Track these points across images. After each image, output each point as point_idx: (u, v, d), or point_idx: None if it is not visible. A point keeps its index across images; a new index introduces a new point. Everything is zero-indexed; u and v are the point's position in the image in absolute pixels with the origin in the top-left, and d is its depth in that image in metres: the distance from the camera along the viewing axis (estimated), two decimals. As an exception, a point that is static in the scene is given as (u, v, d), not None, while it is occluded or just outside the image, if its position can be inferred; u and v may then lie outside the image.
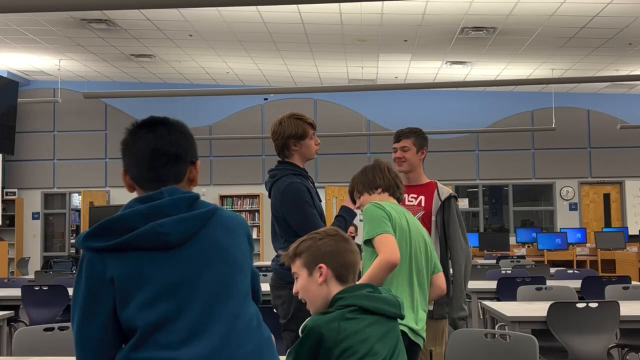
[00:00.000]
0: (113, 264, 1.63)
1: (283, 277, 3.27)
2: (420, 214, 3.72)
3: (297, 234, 2.89)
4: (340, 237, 2.16)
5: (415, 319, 2.75)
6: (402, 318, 2.15)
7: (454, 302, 3.64)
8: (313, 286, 2.12)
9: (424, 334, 2.78)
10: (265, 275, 6.82)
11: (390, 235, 2.69)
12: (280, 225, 3.38)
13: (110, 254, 1.63)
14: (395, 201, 2.99)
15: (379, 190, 2.96)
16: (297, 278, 2.17)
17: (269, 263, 9.20)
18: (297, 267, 2.16)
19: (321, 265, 2.10)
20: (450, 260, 3.73)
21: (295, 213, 3.29)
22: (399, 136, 3.88)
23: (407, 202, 3.76)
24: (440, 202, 3.73)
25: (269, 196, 3.49)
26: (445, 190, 3.79)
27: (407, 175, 3.85)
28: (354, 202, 3.11)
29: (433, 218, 3.71)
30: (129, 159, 1.80)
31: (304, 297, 2.15)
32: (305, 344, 1.96)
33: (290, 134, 3.38)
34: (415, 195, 3.80)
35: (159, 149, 1.77)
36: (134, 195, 1.80)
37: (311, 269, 2.12)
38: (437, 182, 3.86)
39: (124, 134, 1.83)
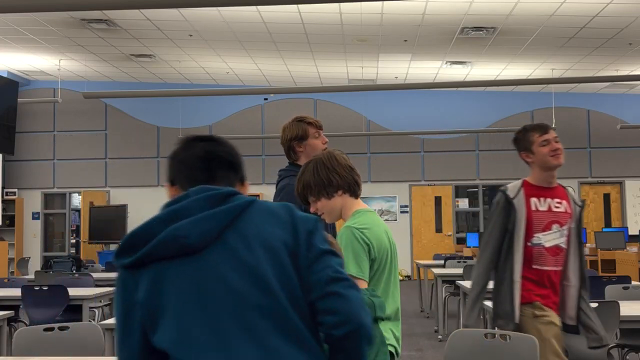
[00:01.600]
0: (142, 283, 1.48)
1: None
2: (570, 222, 3.38)
3: None
4: None
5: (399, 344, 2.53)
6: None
7: (599, 327, 3.35)
8: None
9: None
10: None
11: (365, 284, 2.37)
12: None
13: (139, 270, 1.49)
14: (363, 204, 2.59)
15: (340, 192, 2.52)
16: None
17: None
18: None
19: None
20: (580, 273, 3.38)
21: None
22: (547, 127, 3.42)
23: (554, 209, 3.36)
24: (579, 209, 3.42)
25: None
26: (576, 195, 3.49)
27: (553, 173, 3.44)
28: (307, 202, 2.58)
29: (573, 225, 3.38)
30: (178, 166, 1.67)
31: None
32: None
33: (292, 136, 3.36)
34: (559, 200, 3.39)
35: (213, 152, 1.67)
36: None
37: None
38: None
39: (175, 147, 1.71)
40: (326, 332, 1.48)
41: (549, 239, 3.29)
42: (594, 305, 4.09)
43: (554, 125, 13.94)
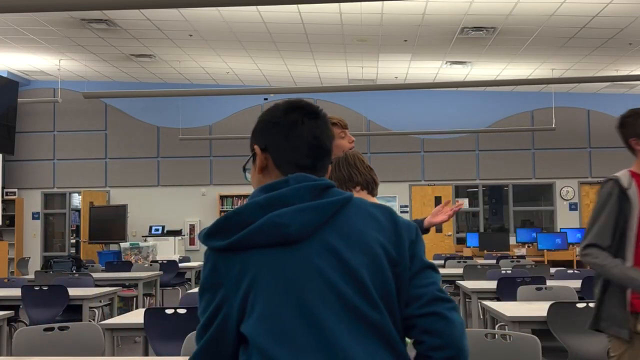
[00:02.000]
0: (234, 268, 1.42)
1: None
2: None
3: None
4: None
5: None
6: None
7: None
8: None
9: None
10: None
11: None
12: None
13: (231, 254, 1.42)
14: (376, 200, 2.62)
15: (358, 188, 2.66)
16: None
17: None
18: None
19: None
20: None
21: None
22: None
23: None
24: None
25: None
26: None
27: None
28: None
29: None
30: (278, 138, 1.54)
31: None
32: None
33: None
34: None
35: (319, 138, 1.56)
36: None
37: None
38: None
39: (272, 109, 1.59)
40: (424, 352, 1.45)
41: None
42: (593, 305, 4.08)
43: (553, 126, 13.96)
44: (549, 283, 5.66)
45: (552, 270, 7.64)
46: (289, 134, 1.54)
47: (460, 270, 7.68)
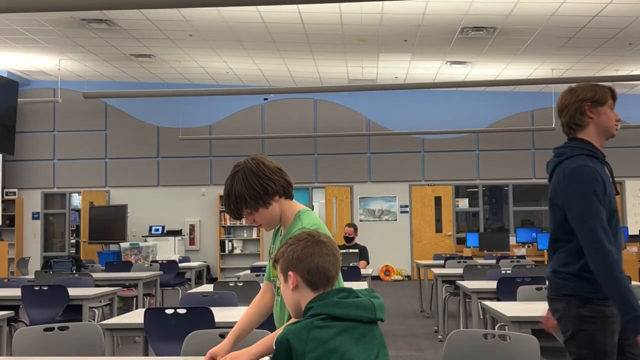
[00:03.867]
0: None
1: (558, 287, 2.78)
2: None
3: (572, 231, 2.61)
4: (310, 241, 2.07)
5: None
6: (382, 321, 2.09)
7: None
8: (288, 293, 2.08)
9: None
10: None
11: None
12: (556, 217, 2.78)
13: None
14: (299, 204, 2.59)
15: (276, 198, 2.50)
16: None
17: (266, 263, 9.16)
18: (278, 273, 2.13)
19: (290, 272, 2.06)
20: None
21: (576, 204, 2.67)
22: None
23: None
24: None
25: (549, 180, 2.87)
26: None
27: None
28: (240, 217, 2.50)
29: None
30: None
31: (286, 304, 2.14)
32: (279, 356, 1.93)
33: (586, 97, 2.81)
34: None
35: None
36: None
37: (285, 276, 2.08)
38: None
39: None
40: None
41: None
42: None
43: (553, 126, 13.95)
44: (549, 283, 5.65)
45: (552, 270, 7.62)
46: None
47: (460, 270, 7.67)
